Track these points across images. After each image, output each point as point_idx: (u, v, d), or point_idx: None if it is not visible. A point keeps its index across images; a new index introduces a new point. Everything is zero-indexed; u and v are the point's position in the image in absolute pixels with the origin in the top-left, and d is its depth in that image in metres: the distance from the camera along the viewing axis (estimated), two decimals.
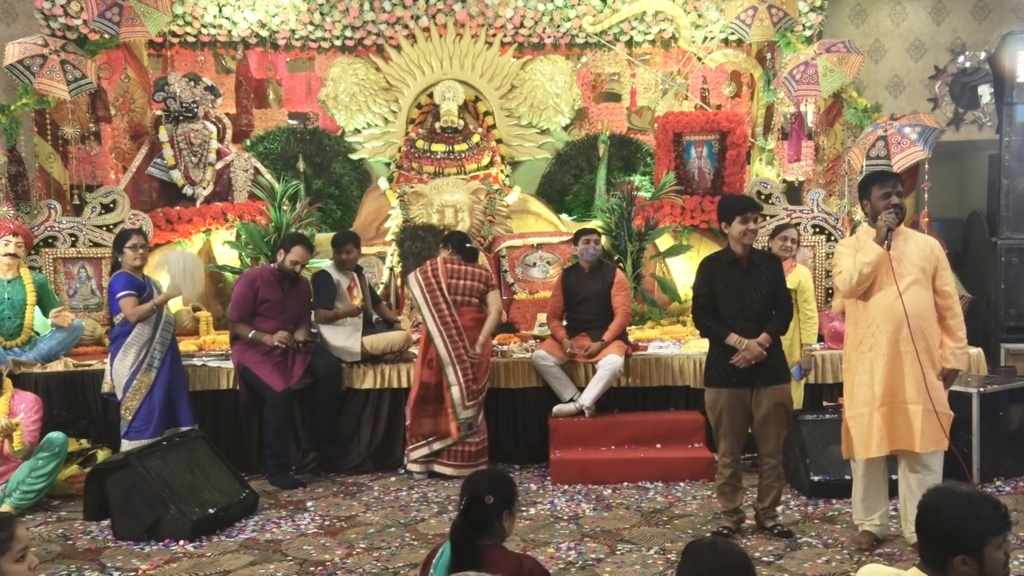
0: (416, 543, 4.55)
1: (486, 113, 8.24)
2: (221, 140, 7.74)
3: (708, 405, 4.56)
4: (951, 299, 4.20)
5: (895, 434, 4.15)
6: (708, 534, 4.55)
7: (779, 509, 4.67)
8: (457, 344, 5.64)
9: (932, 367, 4.14)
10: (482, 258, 7.12)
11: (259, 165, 7.79)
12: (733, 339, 4.36)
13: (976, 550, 2.27)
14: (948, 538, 2.29)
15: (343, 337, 5.98)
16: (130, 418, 5.52)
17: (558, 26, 8.14)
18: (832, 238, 7.08)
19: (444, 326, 5.65)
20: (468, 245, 5.96)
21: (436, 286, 5.72)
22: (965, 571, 2.28)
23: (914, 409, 4.11)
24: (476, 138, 8.03)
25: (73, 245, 6.92)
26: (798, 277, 5.41)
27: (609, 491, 5.42)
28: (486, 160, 7.99)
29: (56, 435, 5.20)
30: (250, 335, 5.67)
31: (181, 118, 7.56)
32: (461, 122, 7.97)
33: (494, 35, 8.17)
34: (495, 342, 6.44)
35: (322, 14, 7.96)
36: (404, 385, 5.96)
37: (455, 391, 5.60)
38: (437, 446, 5.71)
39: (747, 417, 4.49)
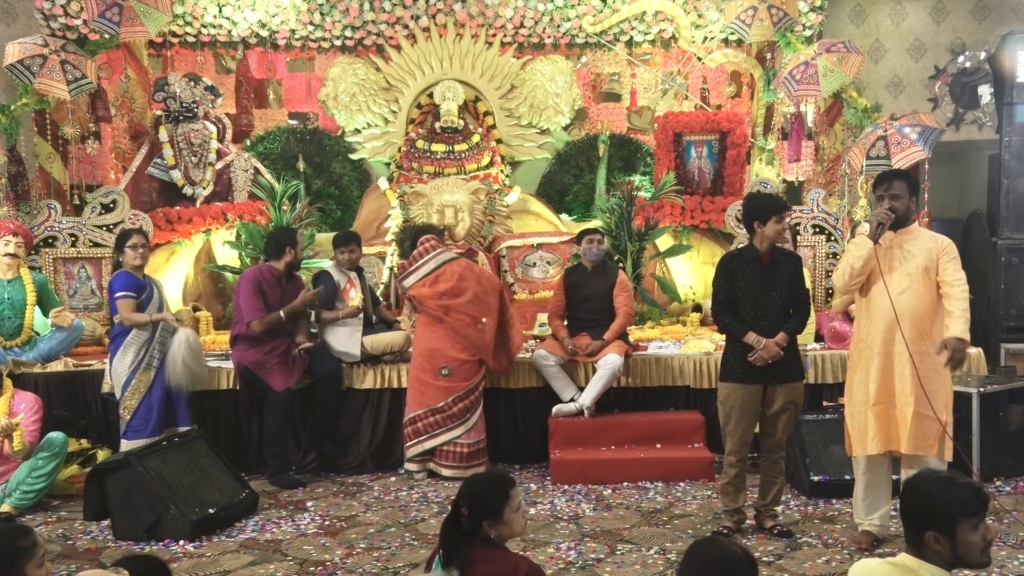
0: (416, 543, 4.55)
1: (486, 113, 8.23)
2: (221, 140, 7.73)
3: (720, 400, 4.56)
4: (949, 287, 4.08)
5: (888, 433, 4.16)
6: (708, 534, 4.56)
7: (779, 509, 4.67)
8: None
9: (932, 369, 4.11)
10: (481, 258, 7.14)
11: (259, 165, 7.79)
12: (751, 338, 4.38)
13: (948, 528, 2.27)
14: (922, 513, 2.32)
15: (343, 338, 5.98)
16: (128, 417, 5.53)
17: (558, 26, 8.13)
18: (832, 238, 7.08)
19: None
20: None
21: None
22: (937, 548, 2.29)
23: (905, 410, 4.11)
24: (476, 138, 8.02)
25: (73, 245, 6.91)
26: None
27: (609, 491, 5.42)
28: (486, 160, 7.99)
29: (56, 435, 5.20)
30: (281, 313, 5.65)
31: (181, 118, 7.55)
32: (461, 122, 7.96)
33: (494, 35, 8.17)
34: None
35: (322, 14, 7.95)
36: (404, 385, 5.95)
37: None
38: (429, 444, 5.70)
39: (756, 416, 4.49)
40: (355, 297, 6.07)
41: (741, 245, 4.67)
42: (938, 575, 2.33)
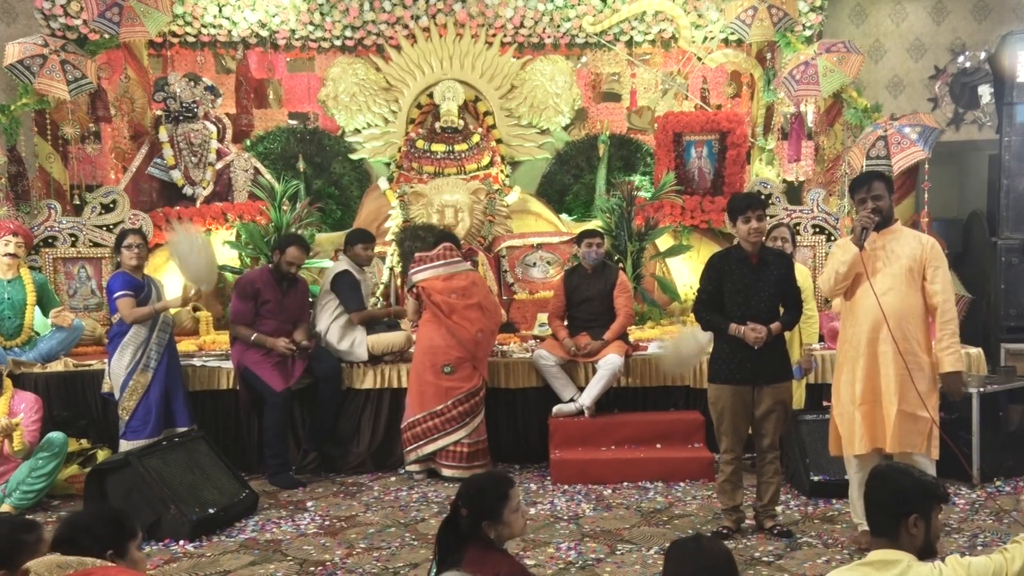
0: (416, 543, 4.55)
1: (486, 113, 8.23)
2: (221, 140, 7.73)
3: (711, 401, 4.57)
4: (937, 298, 4.09)
5: (874, 432, 4.17)
6: (708, 533, 4.55)
7: (779, 509, 4.68)
8: None
9: (918, 368, 4.09)
10: (481, 258, 7.14)
11: (259, 165, 7.79)
12: (732, 328, 4.38)
13: (926, 511, 2.45)
14: (901, 500, 2.46)
15: (349, 339, 5.97)
16: (127, 418, 5.53)
17: (558, 26, 8.13)
18: (832, 238, 7.08)
19: None
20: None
21: None
22: (914, 534, 2.44)
23: (890, 409, 4.11)
24: (476, 138, 8.02)
25: (73, 245, 6.92)
26: (797, 276, 5.39)
27: (609, 491, 5.42)
28: (486, 160, 7.99)
29: (56, 435, 5.20)
30: (252, 339, 5.66)
31: (181, 118, 7.55)
32: (461, 122, 7.96)
33: (494, 35, 8.17)
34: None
35: (322, 14, 7.95)
36: (404, 385, 5.95)
37: None
38: (428, 448, 5.68)
39: (749, 415, 4.50)
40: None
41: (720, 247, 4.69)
42: (916, 563, 2.41)
